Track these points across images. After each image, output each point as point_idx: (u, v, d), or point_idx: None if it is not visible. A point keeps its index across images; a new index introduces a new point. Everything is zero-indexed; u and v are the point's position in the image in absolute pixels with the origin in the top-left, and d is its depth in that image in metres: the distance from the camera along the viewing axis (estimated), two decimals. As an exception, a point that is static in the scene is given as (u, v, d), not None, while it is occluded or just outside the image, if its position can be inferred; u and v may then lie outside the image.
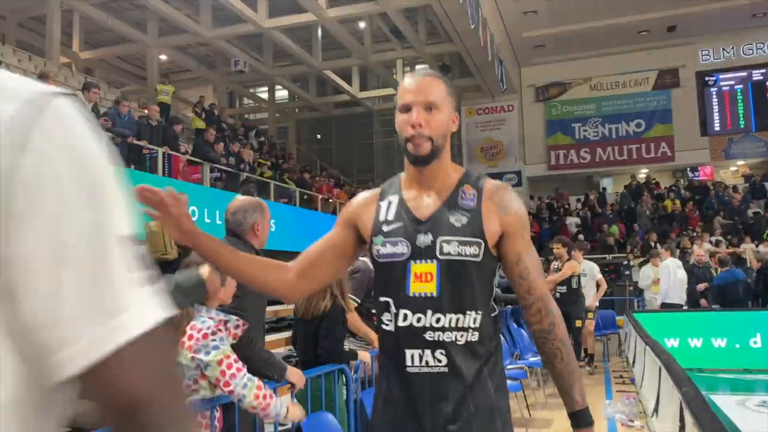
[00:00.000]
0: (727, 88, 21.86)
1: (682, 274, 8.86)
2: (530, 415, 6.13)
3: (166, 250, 6.71)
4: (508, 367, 6.48)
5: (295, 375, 2.86)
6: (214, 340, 2.33)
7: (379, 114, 24.64)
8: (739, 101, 21.75)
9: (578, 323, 7.67)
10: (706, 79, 22.00)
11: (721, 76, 21.89)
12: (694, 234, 15.58)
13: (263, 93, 24.22)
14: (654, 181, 20.53)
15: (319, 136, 25.82)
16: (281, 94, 24.62)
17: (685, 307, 8.83)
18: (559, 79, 22.83)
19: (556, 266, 7.97)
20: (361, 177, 23.71)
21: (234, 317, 2.52)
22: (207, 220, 9.39)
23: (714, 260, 9.89)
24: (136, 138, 8.87)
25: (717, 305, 9.39)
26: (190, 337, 2.33)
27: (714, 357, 8.38)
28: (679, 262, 9.31)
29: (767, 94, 21.42)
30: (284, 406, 2.42)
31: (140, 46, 17.46)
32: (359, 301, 3.95)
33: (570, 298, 7.65)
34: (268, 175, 12.69)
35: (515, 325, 8.12)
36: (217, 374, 2.32)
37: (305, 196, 13.79)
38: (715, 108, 21.93)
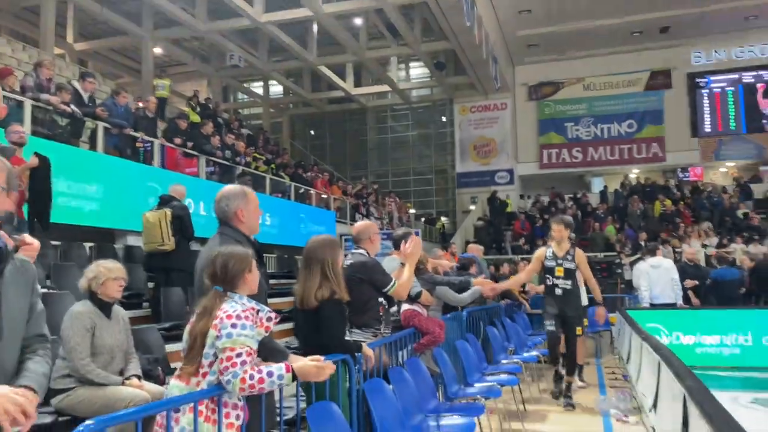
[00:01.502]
0: (718, 90, 22.06)
1: (675, 274, 8.93)
2: (525, 409, 6.18)
3: (163, 240, 6.71)
4: (503, 361, 6.54)
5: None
6: (234, 325, 2.36)
7: (373, 110, 24.65)
8: (730, 103, 21.96)
9: (579, 331, 6.21)
10: (698, 80, 22.20)
11: (712, 78, 22.09)
12: (684, 234, 15.72)
13: (258, 88, 24.17)
14: (647, 182, 20.64)
15: (312, 132, 25.79)
16: (276, 89, 24.58)
17: (679, 303, 8.91)
18: (552, 78, 22.94)
19: (550, 253, 6.26)
20: (355, 173, 23.73)
21: (267, 308, 2.55)
22: (203, 213, 9.37)
23: (714, 256, 9.98)
24: (134, 129, 8.83)
25: (713, 299, 9.52)
26: (218, 317, 2.39)
27: (706, 354, 8.48)
28: (671, 262, 9.38)
29: (757, 96, 21.63)
30: (283, 376, 2.42)
31: (135, 39, 17.36)
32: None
33: (573, 298, 6.16)
34: (263, 170, 12.66)
35: (509, 321, 8.18)
36: (218, 360, 2.38)
37: (300, 191, 13.78)
38: (706, 109, 22.12)
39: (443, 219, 22.97)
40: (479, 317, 7.13)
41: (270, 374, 2.40)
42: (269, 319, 2.56)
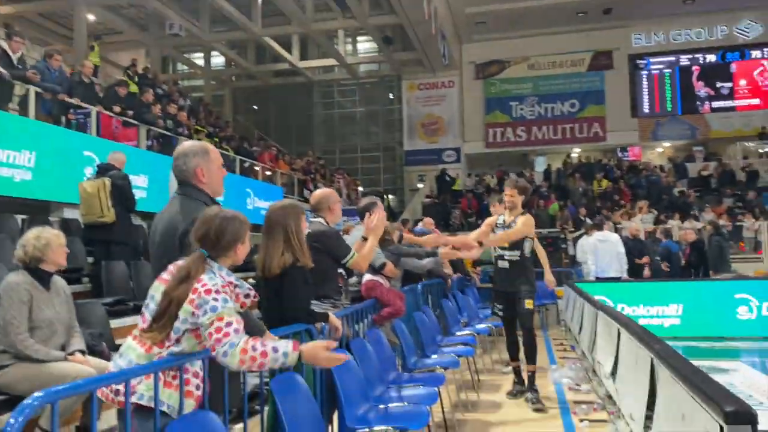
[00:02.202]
0: (657, 71, 22.72)
1: (621, 248, 9.17)
2: (479, 379, 6.21)
3: (103, 212, 6.35)
4: (458, 333, 6.54)
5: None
6: (215, 299, 2.15)
7: (319, 85, 24.22)
8: (667, 85, 22.66)
9: (528, 304, 5.34)
10: (638, 62, 22.79)
11: (651, 60, 22.72)
12: (625, 210, 16.20)
13: (199, 59, 23.31)
14: (588, 160, 21.16)
15: (256, 106, 25.14)
16: (218, 60, 23.77)
17: (623, 276, 9.16)
18: (498, 56, 23.07)
19: (501, 220, 5.58)
20: (301, 149, 23.30)
21: (246, 284, 2.36)
22: (143, 185, 8.95)
23: (659, 231, 10.33)
24: (68, 95, 8.28)
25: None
26: (195, 290, 2.17)
27: (648, 326, 8.73)
28: (617, 236, 9.62)
29: (693, 78, 22.42)
30: (289, 354, 2.20)
31: (66, 4, 16.36)
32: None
33: (521, 271, 5.40)
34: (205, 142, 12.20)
35: (461, 294, 8.20)
36: (206, 336, 2.16)
37: (246, 164, 13.39)
38: (645, 91, 22.77)
39: (390, 197, 22.92)
40: (434, 290, 7.09)
41: (275, 350, 2.18)
42: (247, 296, 2.39)
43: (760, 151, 20.54)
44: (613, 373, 4.16)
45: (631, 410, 3.39)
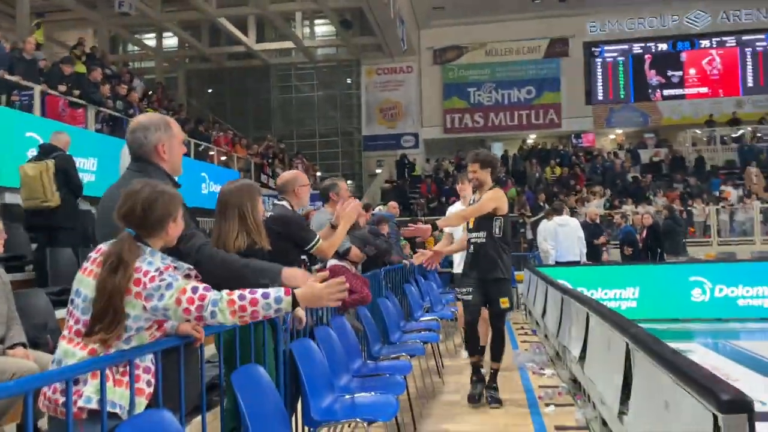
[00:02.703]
0: (611, 59, 23.08)
1: (581, 232, 9.24)
2: (443, 364, 6.14)
3: (46, 196, 5.99)
4: (421, 319, 6.44)
5: (298, 275, 2.47)
6: (164, 279, 1.93)
7: (276, 68, 23.71)
8: (621, 73, 23.05)
9: (503, 303, 4.69)
10: (593, 50, 23.10)
11: (605, 48, 23.05)
12: (580, 195, 16.44)
13: (150, 40, 22.50)
14: (544, 146, 21.40)
15: (210, 90, 24.47)
16: (170, 42, 22.99)
17: (582, 260, 9.24)
18: (456, 42, 23.03)
19: (472, 200, 5.06)
20: (257, 134, 22.80)
21: (185, 264, 2.10)
22: (92, 168, 8.53)
23: (619, 216, 10.47)
24: (8, 72, 7.78)
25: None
26: (138, 282, 1.92)
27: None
28: (577, 221, 9.69)
29: (645, 67, 22.86)
30: (282, 299, 2.01)
31: (6, -23, 15.47)
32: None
33: (489, 256, 4.68)
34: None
35: (422, 279, 8.12)
36: (181, 314, 1.94)
37: (201, 148, 12.97)
38: (599, 78, 23.11)
39: (348, 182, 22.71)
40: (396, 275, 6.98)
41: (265, 295, 2.00)
42: (188, 276, 2.16)
43: (707, 138, 21.13)
44: (582, 357, 4.11)
45: (603, 395, 3.34)
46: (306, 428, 3.20)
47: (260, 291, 2.02)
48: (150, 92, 14.89)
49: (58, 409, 1.86)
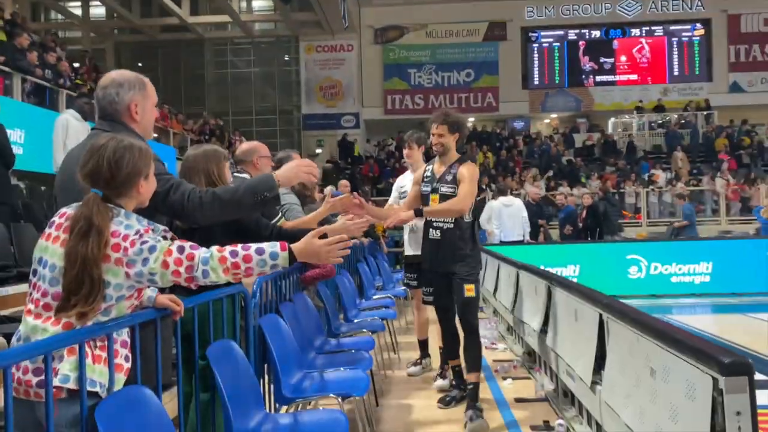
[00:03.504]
0: (547, 45, 23.57)
1: (525, 212, 9.43)
2: (397, 341, 6.13)
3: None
4: (375, 297, 6.40)
5: (292, 169, 2.45)
6: (146, 241, 1.78)
7: (211, 43, 22.92)
8: (556, 58, 23.59)
9: (468, 290, 3.87)
10: (530, 34, 23.52)
11: (542, 33, 23.51)
12: (518, 177, 16.81)
13: (75, 8, 21.21)
14: (483, 130, 21.69)
15: (141, 64, 23.38)
16: (98, 11, 21.76)
17: (526, 239, 9.45)
18: (397, 22, 22.91)
19: (429, 171, 4.11)
20: (191, 110, 21.99)
21: (160, 226, 1.92)
22: (19, 140, 7.97)
23: (564, 196, 10.73)
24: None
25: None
26: (117, 247, 1.75)
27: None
28: (521, 201, 9.89)
29: (579, 53, 23.48)
30: (278, 255, 1.90)
31: None
32: None
33: (457, 244, 3.89)
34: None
35: (372, 258, 8.08)
36: (170, 278, 1.80)
37: (135, 123, 12.35)
38: (536, 63, 23.57)
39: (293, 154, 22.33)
40: (351, 254, 6.89)
41: (260, 251, 1.88)
42: (164, 238, 2.00)
43: (637, 123, 22.00)
44: (543, 330, 4.17)
45: (571, 367, 3.39)
46: (276, 405, 3.10)
47: (254, 246, 1.90)
48: (76, 64, 14.04)
49: (31, 391, 1.69)
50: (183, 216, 2.35)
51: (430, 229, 4.00)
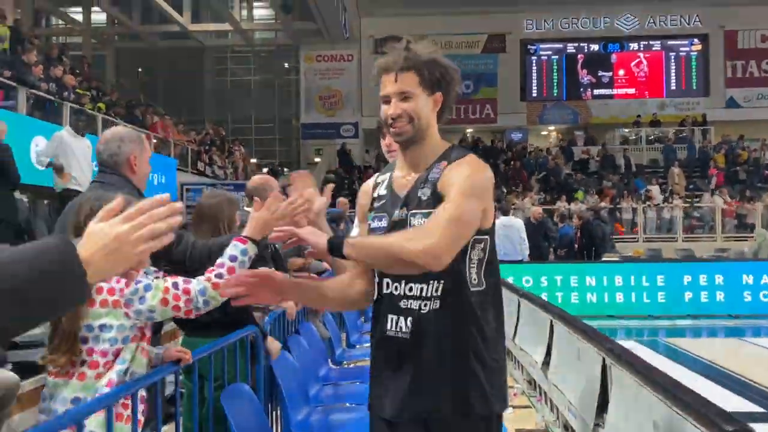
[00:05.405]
0: (545, 57, 23.74)
1: (524, 233, 9.44)
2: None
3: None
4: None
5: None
6: (139, 281, 1.87)
7: (211, 51, 22.99)
8: (554, 71, 23.75)
9: None
10: (529, 47, 23.67)
11: (541, 46, 23.68)
12: (517, 192, 16.87)
13: (77, 14, 21.24)
14: (480, 142, 21.79)
15: (140, 69, 23.44)
16: (99, 17, 21.79)
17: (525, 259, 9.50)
18: (396, 33, 22.87)
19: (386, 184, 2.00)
20: (190, 118, 22.04)
21: (152, 268, 2.01)
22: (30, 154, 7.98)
23: (556, 215, 10.82)
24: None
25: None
26: (111, 291, 1.85)
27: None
28: (521, 222, 9.92)
29: (577, 66, 23.65)
30: (247, 250, 2.00)
31: None
32: None
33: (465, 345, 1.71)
34: (89, 107, 11.11)
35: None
36: (170, 313, 1.94)
37: (137, 135, 12.37)
38: (534, 75, 23.73)
39: (286, 171, 22.37)
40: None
41: (233, 258, 1.99)
42: (157, 278, 2.08)
43: (634, 137, 22.13)
44: (546, 363, 4.24)
45: (573, 404, 3.45)
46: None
47: (227, 255, 2.00)
48: (75, 71, 14.07)
49: None
50: None
51: (390, 315, 1.70)
